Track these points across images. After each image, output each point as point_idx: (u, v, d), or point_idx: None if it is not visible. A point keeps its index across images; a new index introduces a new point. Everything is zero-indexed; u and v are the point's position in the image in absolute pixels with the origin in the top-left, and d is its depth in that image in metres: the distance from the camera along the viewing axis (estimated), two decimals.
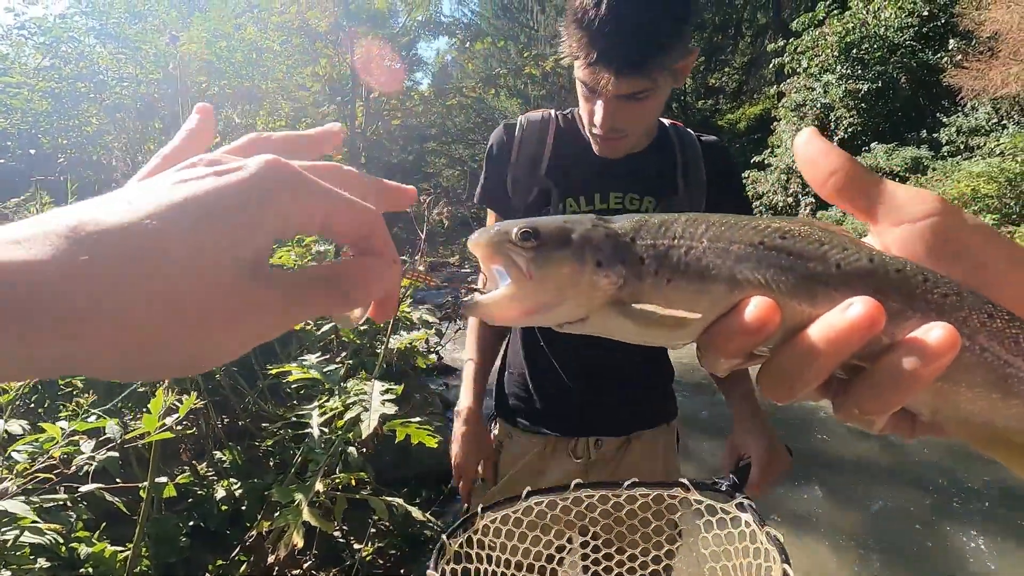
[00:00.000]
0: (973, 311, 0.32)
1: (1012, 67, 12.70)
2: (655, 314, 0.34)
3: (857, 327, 0.30)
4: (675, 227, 0.37)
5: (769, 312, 0.32)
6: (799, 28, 19.67)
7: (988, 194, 11.20)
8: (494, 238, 0.38)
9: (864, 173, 0.36)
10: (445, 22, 7.25)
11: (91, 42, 5.57)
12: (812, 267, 0.34)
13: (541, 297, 0.37)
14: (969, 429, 0.34)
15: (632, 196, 1.30)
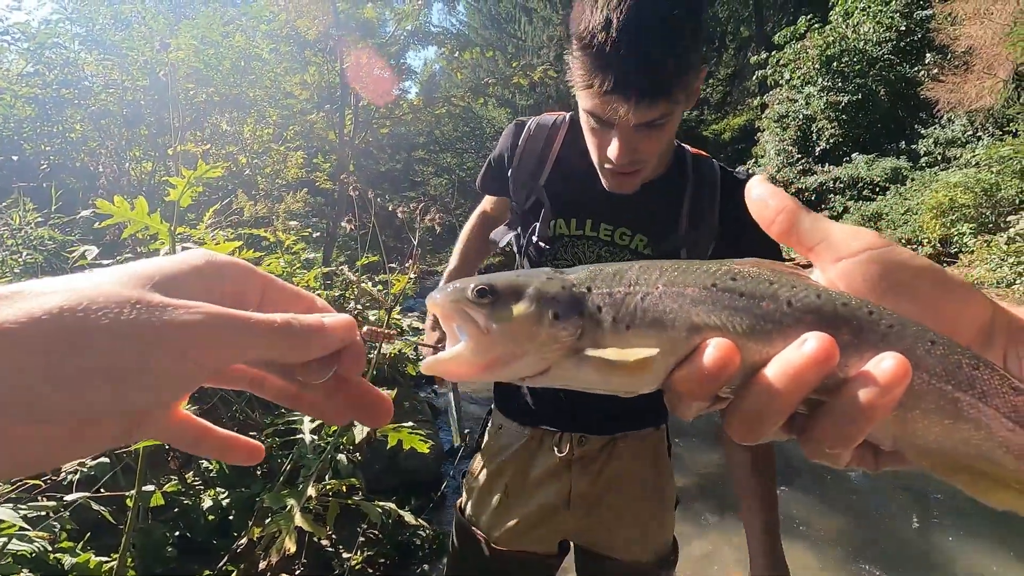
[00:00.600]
0: (917, 340, 0.34)
1: (986, 81, 13.07)
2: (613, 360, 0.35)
3: (813, 362, 0.32)
4: (629, 274, 0.38)
5: (728, 353, 0.33)
6: (781, 41, 20.07)
7: (965, 203, 11.46)
8: (451, 296, 0.38)
9: (806, 214, 0.38)
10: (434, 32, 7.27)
11: (76, 48, 5.52)
12: (765, 306, 0.35)
13: (500, 352, 0.37)
14: (929, 457, 0.35)
15: (623, 231, 1.21)
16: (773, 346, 0.34)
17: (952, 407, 0.34)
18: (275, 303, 0.38)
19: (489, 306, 0.37)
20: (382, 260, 2.79)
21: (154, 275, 0.31)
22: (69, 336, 0.26)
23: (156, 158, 4.82)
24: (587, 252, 1.24)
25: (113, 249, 2.65)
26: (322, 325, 0.35)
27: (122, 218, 1.82)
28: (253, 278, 0.37)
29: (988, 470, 0.34)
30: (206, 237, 2.29)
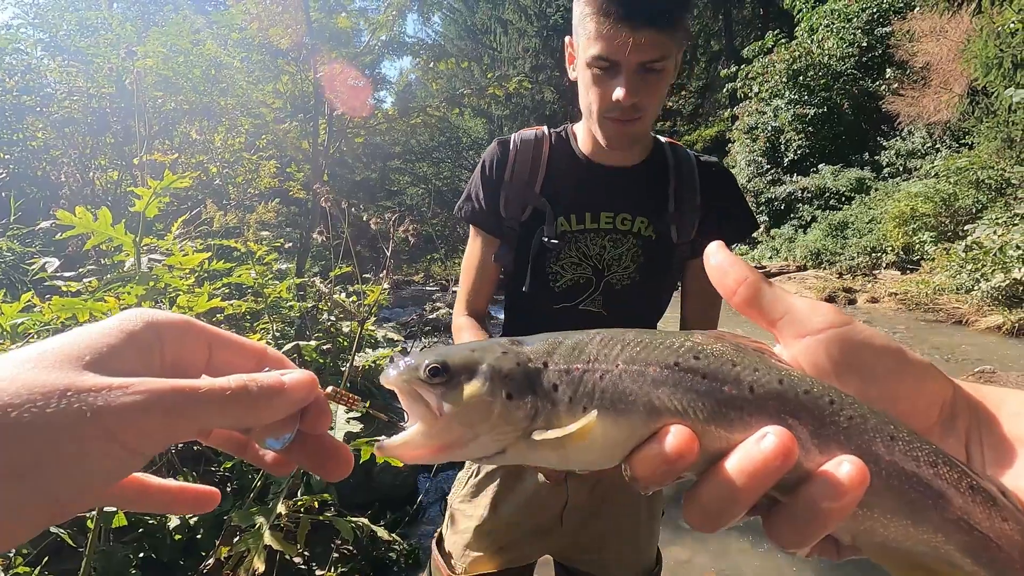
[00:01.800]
0: (877, 434, 0.33)
1: (943, 95, 13.64)
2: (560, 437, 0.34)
3: (772, 460, 0.31)
4: (590, 349, 0.36)
5: (688, 442, 0.33)
6: (750, 55, 20.65)
7: (925, 213, 11.89)
8: (403, 376, 0.37)
9: (767, 287, 0.38)
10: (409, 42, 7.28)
11: (39, 54, 5.37)
12: (727, 391, 0.34)
13: (452, 434, 0.36)
14: (887, 555, 0.34)
15: (624, 216, 1.28)
16: (734, 434, 0.34)
17: (910, 507, 0.33)
18: (223, 360, 0.36)
19: (441, 386, 0.36)
20: (356, 271, 2.76)
21: (85, 352, 0.29)
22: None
23: (122, 167, 4.70)
24: (591, 244, 1.28)
25: (75, 261, 2.57)
26: (282, 385, 0.33)
27: (85, 229, 1.77)
28: (197, 336, 0.35)
29: (942, 571, 0.34)
30: (174, 248, 2.23)
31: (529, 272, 1.30)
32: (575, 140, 1.34)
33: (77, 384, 0.27)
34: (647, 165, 1.32)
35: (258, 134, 6.49)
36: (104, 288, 2.03)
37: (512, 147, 1.32)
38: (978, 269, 9.00)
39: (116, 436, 0.27)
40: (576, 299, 1.30)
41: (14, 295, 2.35)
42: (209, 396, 0.30)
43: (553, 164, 1.31)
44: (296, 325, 3.06)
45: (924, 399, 0.36)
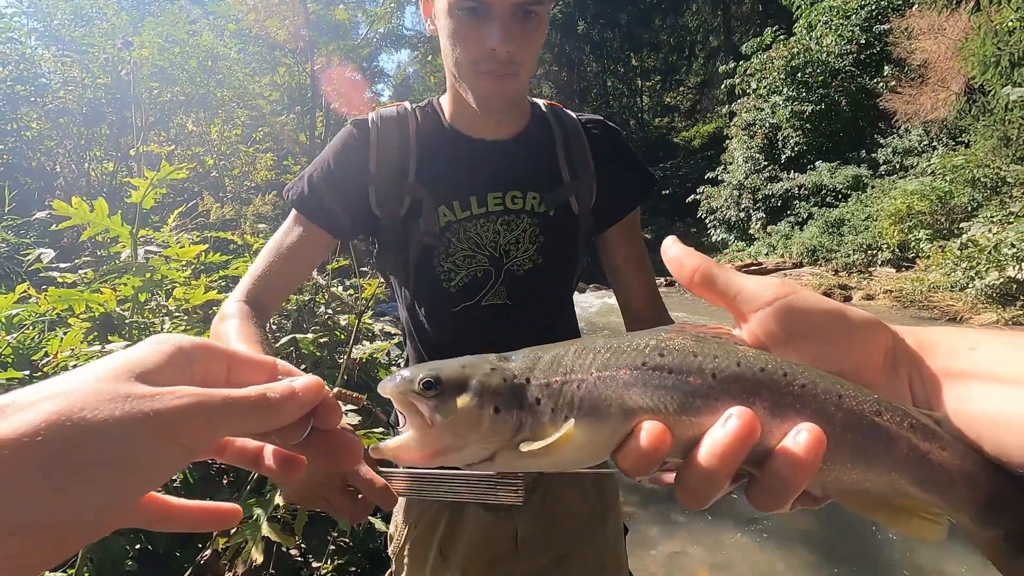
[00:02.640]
0: (827, 395, 0.38)
1: (940, 93, 13.67)
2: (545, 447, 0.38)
3: (737, 440, 0.36)
4: (566, 361, 0.40)
5: (660, 435, 0.37)
6: (748, 51, 20.63)
7: (921, 210, 11.94)
8: (400, 387, 0.40)
9: (719, 270, 0.43)
10: (407, 35, 7.24)
11: (33, 44, 5.32)
12: (692, 381, 0.38)
13: (444, 442, 0.39)
14: (853, 499, 0.39)
15: (514, 194, 1.12)
16: (702, 419, 0.38)
17: (864, 454, 0.38)
18: (240, 375, 0.40)
19: (434, 399, 0.39)
20: (353, 264, 2.76)
21: (134, 367, 0.33)
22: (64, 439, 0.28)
23: (118, 159, 4.67)
24: (483, 231, 1.12)
25: (71, 252, 2.57)
26: (294, 391, 0.38)
27: (81, 220, 1.77)
28: (218, 356, 0.39)
29: (902, 504, 0.39)
30: (170, 240, 2.23)
31: (413, 278, 1.14)
32: (443, 114, 1.17)
33: (134, 391, 0.32)
34: (529, 134, 1.17)
35: (255, 126, 6.46)
36: (100, 279, 2.03)
37: (373, 128, 1.13)
38: (973, 267, 9.06)
39: (173, 435, 0.32)
40: (477, 295, 1.14)
41: (9, 286, 2.34)
42: (237, 403, 0.35)
43: (423, 144, 1.13)
44: (293, 318, 3.06)
45: (869, 350, 0.40)
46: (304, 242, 1.12)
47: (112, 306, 1.81)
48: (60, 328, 2.03)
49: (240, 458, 0.42)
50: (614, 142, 1.21)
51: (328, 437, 0.41)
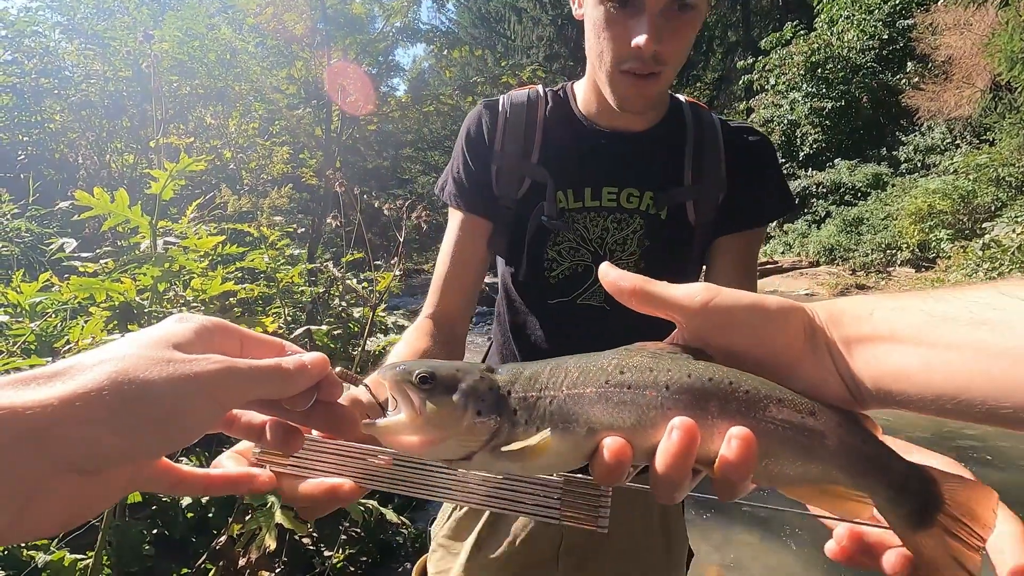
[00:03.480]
0: (767, 400, 0.43)
1: (965, 90, 13.37)
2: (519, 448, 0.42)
3: (682, 448, 0.40)
4: (541, 378, 0.45)
5: (621, 449, 0.42)
6: (767, 47, 20.34)
7: (943, 210, 11.71)
8: (399, 375, 0.44)
9: (651, 286, 0.47)
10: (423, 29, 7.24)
11: (56, 37, 5.41)
12: (649, 395, 0.43)
13: (427, 434, 0.43)
14: (794, 488, 0.44)
15: (630, 192, 1.06)
16: (658, 428, 0.42)
17: (801, 448, 0.43)
18: (252, 352, 0.45)
19: (427, 391, 0.43)
20: (367, 257, 2.78)
21: (170, 339, 0.39)
22: (124, 394, 0.34)
23: (138, 151, 4.74)
24: (591, 225, 1.07)
25: (92, 243, 2.61)
26: (304, 364, 0.43)
27: (102, 211, 1.80)
28: (234, 334, 0.44)
29: (835, 491, 0.44)
30: (188, 231, 2.26)
31: (525, 260, 1.10)
32: (575, 100, 1.13)
33: (176, 357, 0.37)
34: (660, 129, 1.09)
35: (272, 120, 6.51)
36: (120, 269, 2.06)
37: (501, 111, 1.10)
38: (995, 268, 8.87)
39: (212, 394, 0.37)
40: (573, 292, 1.09)
41: (32, 275, 2.39)
42: (260, 370, 0.40)
43: (550, 129, 1.10)
44: (308, 310, 3.09)
45: (790, 332, 0.45)
46: (471, 234, 1.11)
47: (132, 295, 1.85)
48: (81, 316, 2.07)
49: (247, 432, 0.47)
50: (760, 155, 1.11)
51: (329, 408, 0.45)
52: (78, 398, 0.32)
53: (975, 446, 4.46)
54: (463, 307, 1.11)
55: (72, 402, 0.32)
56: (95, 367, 0.34)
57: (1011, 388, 0.36)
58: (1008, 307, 0.38)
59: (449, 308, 1.09)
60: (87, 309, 2.06)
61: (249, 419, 0.47)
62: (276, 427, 0.46)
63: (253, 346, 0.45)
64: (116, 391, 0.34)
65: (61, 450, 0.32)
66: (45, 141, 5.13)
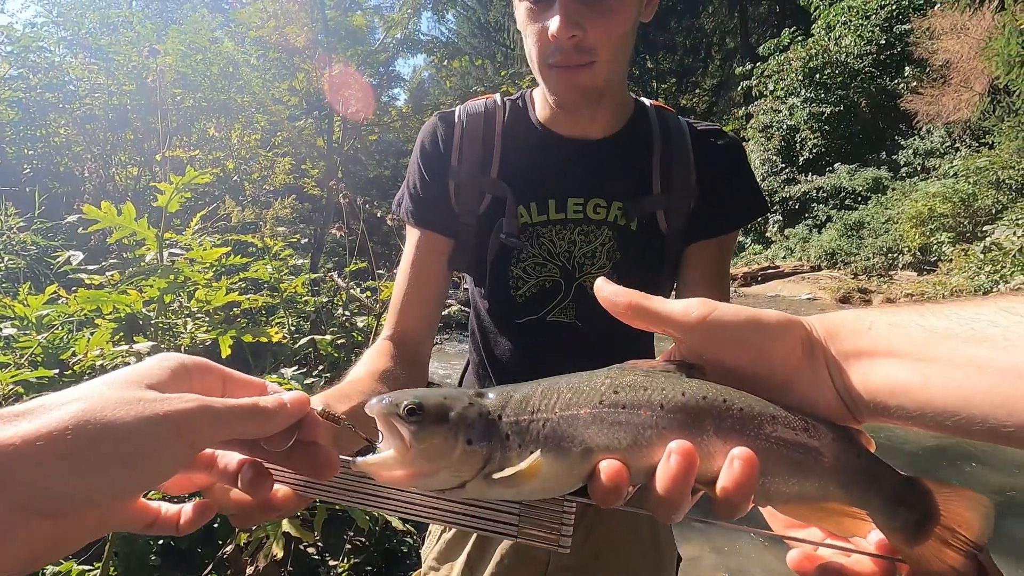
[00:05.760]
0: (762, 417, 0.43)
1: (963, 94, 13.41)
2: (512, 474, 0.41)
3: (681, 471, 0.40)
4: (533, 401, 0.44)
5: (618, 472, 0.41)
6: (765, 52, 20.43)
7: (943, 213, 11.72)
8: (386, 409, 0.43)
9: (649, 301, 0.47)
10: (423, 40, 7.32)
11: (61, 52, 5.47)
12: (643, 414, 0.43)
13: (418, 467, 0.42)
14: (791, 507, 0.44)
15: (597, 202, 1.02)
16: (655, 448, 0.42)
17: (796, 466, 0.43)
18: (234, 392, 0.44)
19: (414, 424, 0.42)
20: (370, 266, 2.80)
21: (144, 378, 0.38)
22: (89, 434, 0.33)
23: (142, 163, 4.78)
24: (557, 239, 1.03)
25: (98, 255, 2.64)
26: (283, 403, 0.42)
27: (109, 223, 1.82)
28: (215, 374, 0.44)
29: (831, 507, 0.44)
30: (193, 243, 2.28)
31: (488, 279, 1.05)
32: (533, 109, 1.07)
33: (146, 396, 0.36)
34: (624, 135, 1.04)
35: (274, 131, 6.56)
36: (127, 281, 2.08)
37: (457, 122, 1.05)
38: (997, 271, 8.86)
39: (182, 433, 0.36)
40: (543, 309, 1.05)
41: (39, 288, 2.41)
42: (235, 408, 0.39)
43: (509, 139, 1.04)
44: (312, 320, 3.11)
45: (787, 346, 0.45)
46: (424, 253, 1.07)
47: (138, 307, 1.86)
48: (88, 328, 2.09)
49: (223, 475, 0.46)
50: (731, 159, 1.06)
51: (309, 448, 0.44)
52: (41, 437, 0.32)
53: (967, 447, 4.45)
54: (424, 328, 1.07)
55: (34, 442, 0.31)
56: (63, 406, 0.34)
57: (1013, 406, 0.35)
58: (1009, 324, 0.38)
59: (408, 329, 1.05)
60: (93, 321, 2.08)
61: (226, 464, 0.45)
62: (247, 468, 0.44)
63: (235, 386, 0.45)
64: (80, 431, 0.33)
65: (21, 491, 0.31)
66: (50, 155, 5.18)
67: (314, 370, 2.62)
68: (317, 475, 0.45)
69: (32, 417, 0.33)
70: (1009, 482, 3.93)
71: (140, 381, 0.37)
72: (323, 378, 2.22)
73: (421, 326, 1.06)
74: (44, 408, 0.33)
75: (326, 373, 2.46)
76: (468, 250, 1.06)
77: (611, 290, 0.49)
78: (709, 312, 0.45)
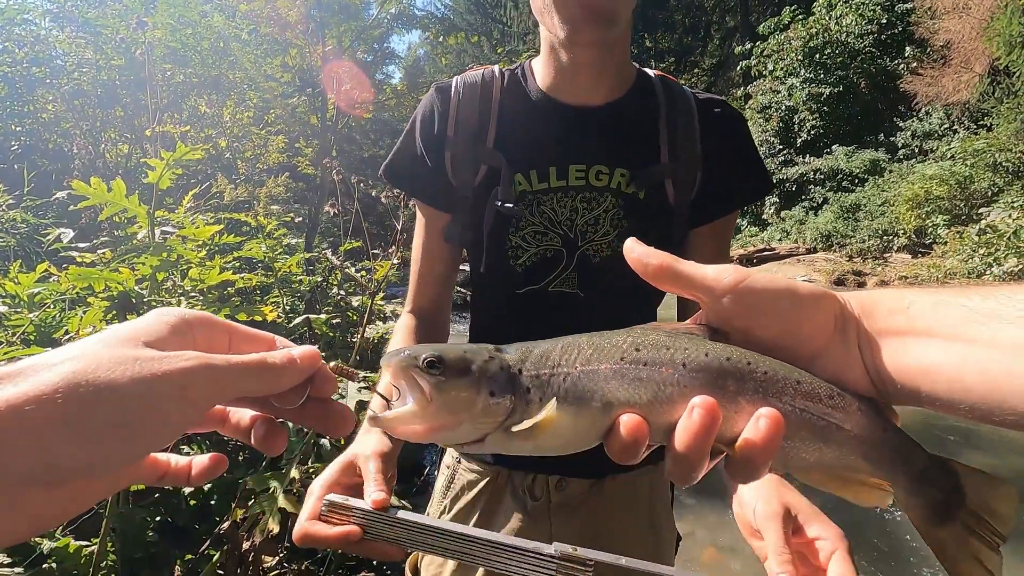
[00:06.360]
0: (785, 382, 0.42)
1: (963, 75, 13.31)
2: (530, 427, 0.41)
3: (703, 427, 0.39)
4: (553, 356, 0.44)
5: (638, 426, 0.41)
6: (765, 32, 20.19)
7: (940, 196, 11.72)
8: (404, 362, 0.43)
9: (680, 264, 0.46)
10: (418, 15, 7.17)
11: (47, 25, 5.35)
12: (665, 371, 0.42)
13: (440, 420, 0.42)
14: (809, 473, 0.44)
15: (599, 169, 0.99)
16: (676, 406, 0.41)
17: (818, 433, 0.42)
18: (240, 347, 0.42)
19: (436, 377, 0.42)
20: (365, 246, 2.78)
21: (141, 335, 0.35)
22: (82, 398, 0.30)
23: (132, 140, 4.71)
24: (558, 207, 1.01)
25: (89, 232, 2.61)
26: (292, 358, 0.40)
27: (99, 200, 1.79)
28: (220, 328, 0.41)
29: (851, 476, 0.44)
30: (185, 221, 2.26)
31: (485, 250, 1.04)
32: (533, 78, 1.06)
33: (143, 355, 0.33)
34: (627, 101, 1.02)
35: (267, 108, 6.46)
36: (118, 259, 2.06)
37: (454, 93, 1.04)
38: (991, 253, 8.90)
39: (185, 392, 0.33)
40: (544, 279, 1.03)
41: (30, 266, 2.39)
42: (240, 365, 0.37)
43: (506, 109, 1.03)
44: (306, 299, 3.10)
45: (820, 319, 0.44)
46: (430, 227, 1.09)
47: (131, 285, 1.85)
48: (80, 307, 2.07)
49: (235, 431, 0.44)
50: (734, 129, 1.04)
51: (323, 406, 0.43)
52: (29, 402, 0.29)
53: (961, 427, 4.51)
54: (441, 296, 1.12)
55: (21, 408, 0.29)
56: (53, 367, 0.31)
57: None
58: None
59: (426, 302, 1.10)
60: (86, 299, 2.06)
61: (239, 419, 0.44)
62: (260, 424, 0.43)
63: (242, 340, 0.42)
64: (72, 394, 0.30)
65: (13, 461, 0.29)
66: (38, 131, 5.09)
67: None
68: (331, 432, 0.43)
69: (19, 380, 0.30)
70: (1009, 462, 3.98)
71: (137, 338, 0.35)
72: None
73: (438, 295, 1.11)
74: (32, 369, 0.31)
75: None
76: (467, 223, 1.05)
77: (642, 251, 0.47)
78: (743, 278, 0.44)
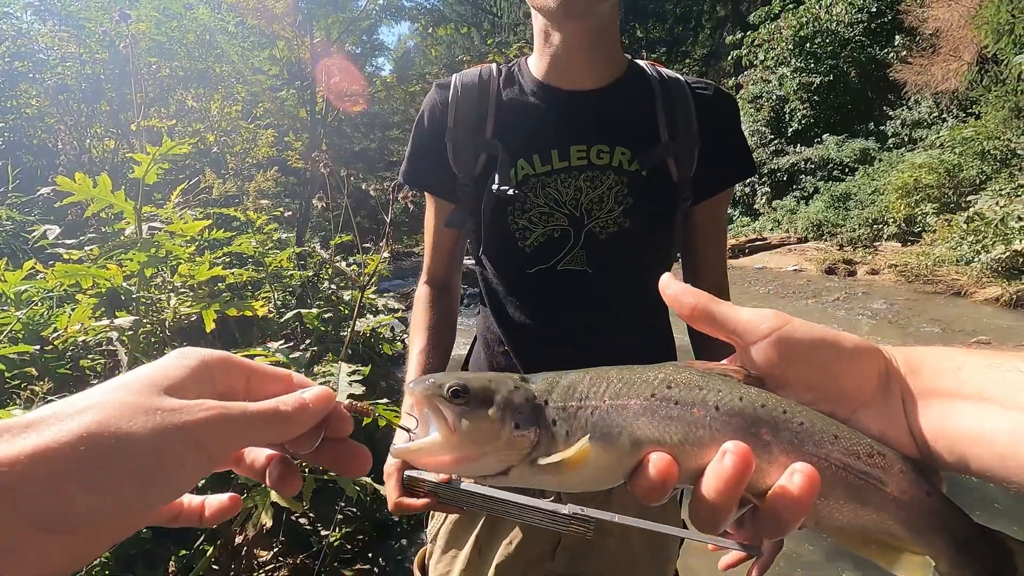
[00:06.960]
0: (823, 435, 0.40)
1: (952, 63, 13.38)
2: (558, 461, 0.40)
3: (735, 474, 0.37)
4: (581, 387, 0.42)
5: (667, 467, 0.39)
6: (756, 21, 20.16)
7: (929, 184, 11.80)
8: (428, 391, 0.42)
9: (716, 305, 0.44)
10: (407, 7, 7.10)
11: (29, 18, 5.26)
12: (697, 412, 0.40)
13: (463, 451, 0.41)
14: (843, 534, 0.41)
15: (600, 148, 1.03)
16: (706, 450, 0.40)
17: (857, 493, 0.40)
18: (259, 387, 0.42)
19: (460, 406, 0.41)
20: (356, 240, 2.77)
21: (161, 381, 0.36)
22: (102, 449, 0.31)
23: (118, 135, 4.65)
24: (563, 187, 1.04)
25: (75, 229, 2.58)
26: (304, 403, 0.40)
27: (85, 196, 1.77)
28: (239, 369, 0.41)
29: (889, 542, 0.41)
30: (174, 216, 2.24)
31: (484, 234, 1.09)
32: (528, 70, 1.12)
33: (162, 405, 0.34)
34: (624, 85, 1.07)
35: (255, 102, 6.40)
36: (106, 255, 2.04)
37: (453, 90, 1.09)
38: (979, 240, 8.99)
39: (202, 444, 0.34)
40: (553, 258, 1.06)
41: (16, 263, 2.36)
42: (254, 415, 0.37)
43: (504, 100, 1.08)
44: (297, 294, 3.09)
45: (862, 374, 0.42)
46: (438, 215, 1.19)
47: (119, 281, 1.83)
48: (68, 304, 2.05)
49: (250, 471, 0.45)
50: (727, 110, 1.10)
51: (339, 446, 0.42)
52: (51, 452, 0.30)
53: None
54: (451, 267, 1.25)
55: (43, 457, 0.29)
56: (74, 416, 0.32)
57: None
58: None
59: (439, 271, 1.24)
60: (74, 296, 2.05)
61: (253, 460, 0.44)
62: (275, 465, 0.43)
63: (260, 380, 0.42)
64: (93, 445, 0.31)
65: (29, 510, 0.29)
66: (22, 127, 5.02)
67: (301, 344, 2.61)
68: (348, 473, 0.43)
69: (41, 429, 0.31)
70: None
71: (158, 385, 0.35)
72: (309, 351, 2.21)
73: (447, 267, 1.25)
74: (55, 418, 0.31)
75: (312, 347, 2.45)
76: (469, 211, 1.11)
77: (677, 288, 0.46)
78: (780, 325, 0.42)
